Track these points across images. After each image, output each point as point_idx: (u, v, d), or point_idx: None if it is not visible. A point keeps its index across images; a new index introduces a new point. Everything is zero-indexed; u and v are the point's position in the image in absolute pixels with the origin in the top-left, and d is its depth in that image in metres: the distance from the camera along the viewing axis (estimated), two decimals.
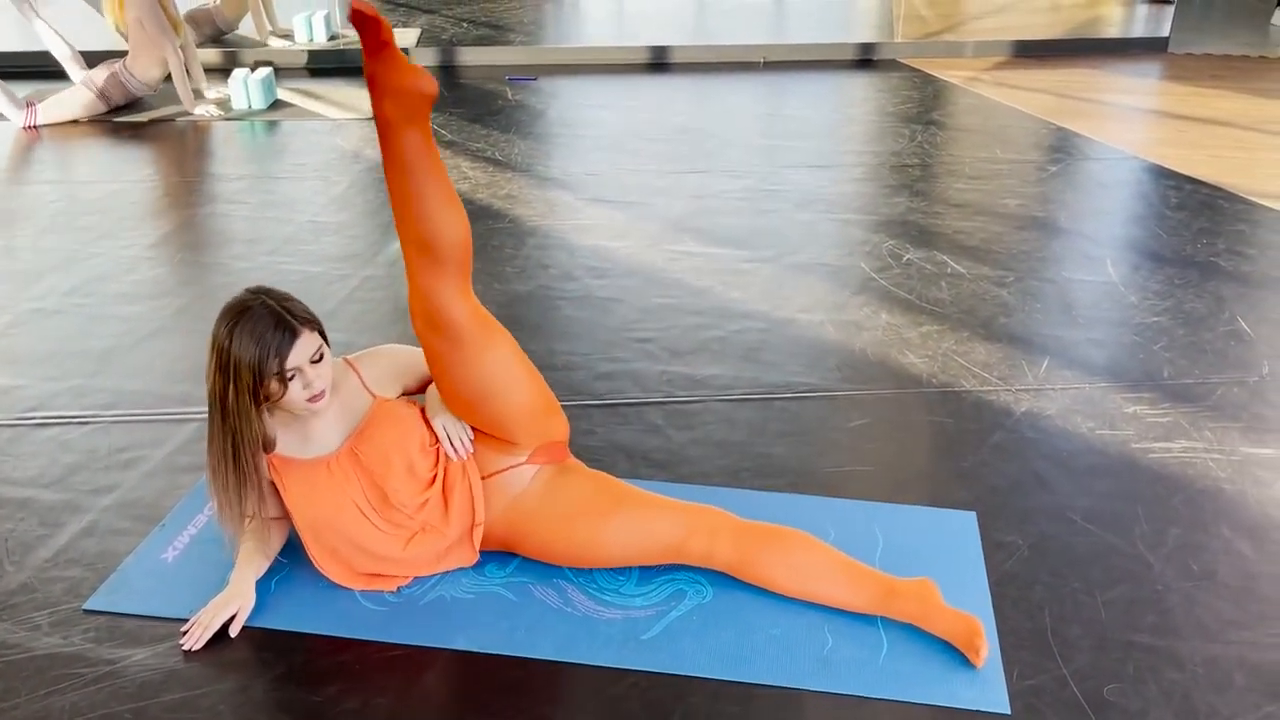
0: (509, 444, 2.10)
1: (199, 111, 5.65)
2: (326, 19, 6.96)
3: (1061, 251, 3.78)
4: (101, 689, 1.90)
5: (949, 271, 3.60)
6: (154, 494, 2.47)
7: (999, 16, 7.84)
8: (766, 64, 6.77)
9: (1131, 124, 5.52)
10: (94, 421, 2.79)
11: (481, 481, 2.11)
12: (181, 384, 2.96)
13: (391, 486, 2.05)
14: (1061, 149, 4.95)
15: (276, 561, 2.17)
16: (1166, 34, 7.04)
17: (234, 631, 2.01)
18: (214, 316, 1.93)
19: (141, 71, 5.60)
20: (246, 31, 7.11)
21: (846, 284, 3.53)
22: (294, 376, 1.92)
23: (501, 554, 2.19)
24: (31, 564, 2.24)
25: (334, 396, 2.05)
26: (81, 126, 5.52)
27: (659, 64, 6.83)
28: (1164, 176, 4.54)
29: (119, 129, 5.49)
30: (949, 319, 3.26)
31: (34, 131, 5.44)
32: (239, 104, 5.80)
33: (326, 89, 6.19)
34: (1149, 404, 2.78)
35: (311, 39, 6.95)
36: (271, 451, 2.04)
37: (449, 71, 6.71)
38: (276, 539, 2.16)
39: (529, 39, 7.25)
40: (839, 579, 2.03)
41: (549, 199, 4.38)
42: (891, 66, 6.64)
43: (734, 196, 4.36)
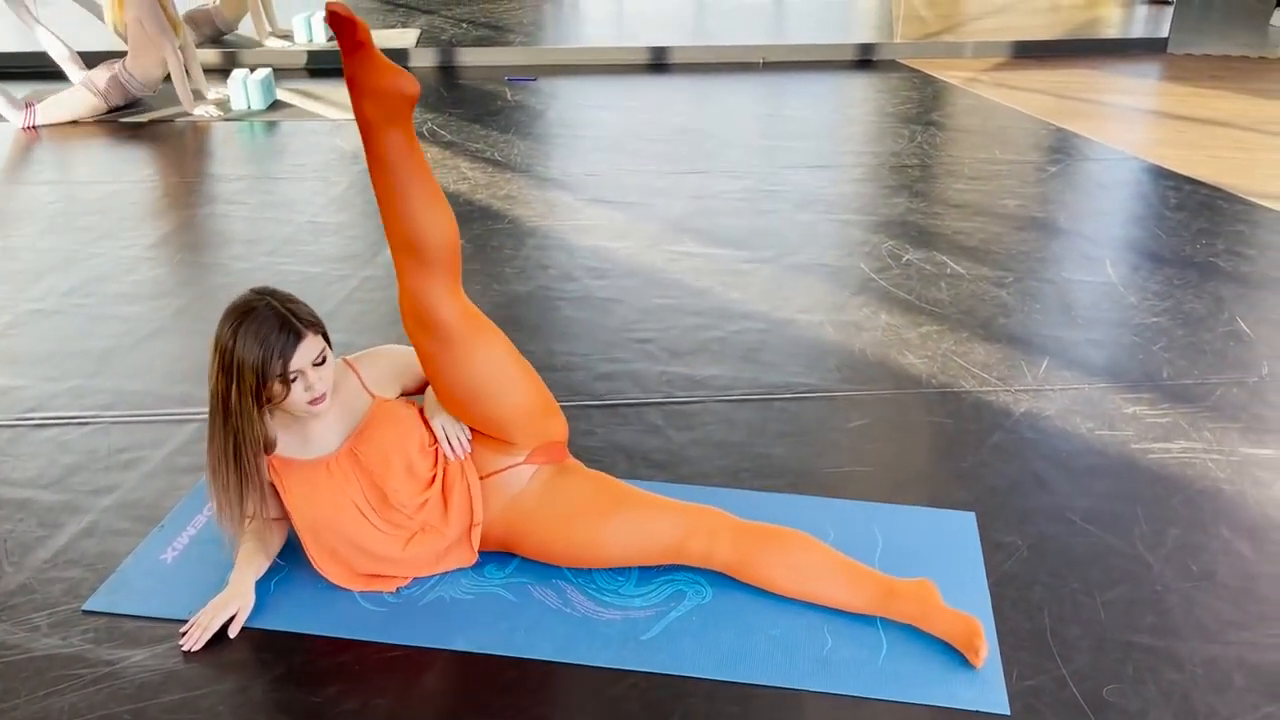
0: (507, 444, 2.10)
1: (198, 112, 5.65)
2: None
3: (1061, 252, 3.78)
4: (100, 690, 1.90)
5: (948, 272, 3.60)
6: (153, 495, 2.46)
7: (998, 17, 7.84)
8: (766, 64, 6.78)
9: (1131, 124, 5.52)
10: (93, 422, 2.79)
11: (480, 481, 2.11)
12: (181, 384, 2.96)
13: (391, 486, 2.05)
14: (1061, 150, 4.96)
15: (276, 563, 2.17)
16: (1166, 35, 7.04)
17: (233, 632, 2.01)
18: (213, 317, 1.93)
19: (141, 72, 5.60)
20: (246, 32, 7.12)
21: (846, 284, 3.53)
22: (296, 379, 1.92)
23: (501, 555, 2.19)
24: (31, 565, 2.24)
25: (333, 398, 2.05)
26: (81, 127, 5.52)
27: (658, 64, 6.83)
28: (1163, 177, 4.54)
29: (118, 129, 5.49)
30: (948, 319, 3.26)
31: (33, 132, 5.45)
32: (238, 104, 5.80)
33: (326, 89, 6.19)
34: (1148, 404, 2.78)
35: (311, 39, 6.96)
36: (272, 452, 2.04)
37: (448, 72, 6.71)
38: (276, 540, 2.16)
39: (528, 39, 7.25)
40: (838, 579, 2.03)
41: (548, 199, 4.38)
42: (891, 67, 6.64)
43: (733, 197, 4.37)
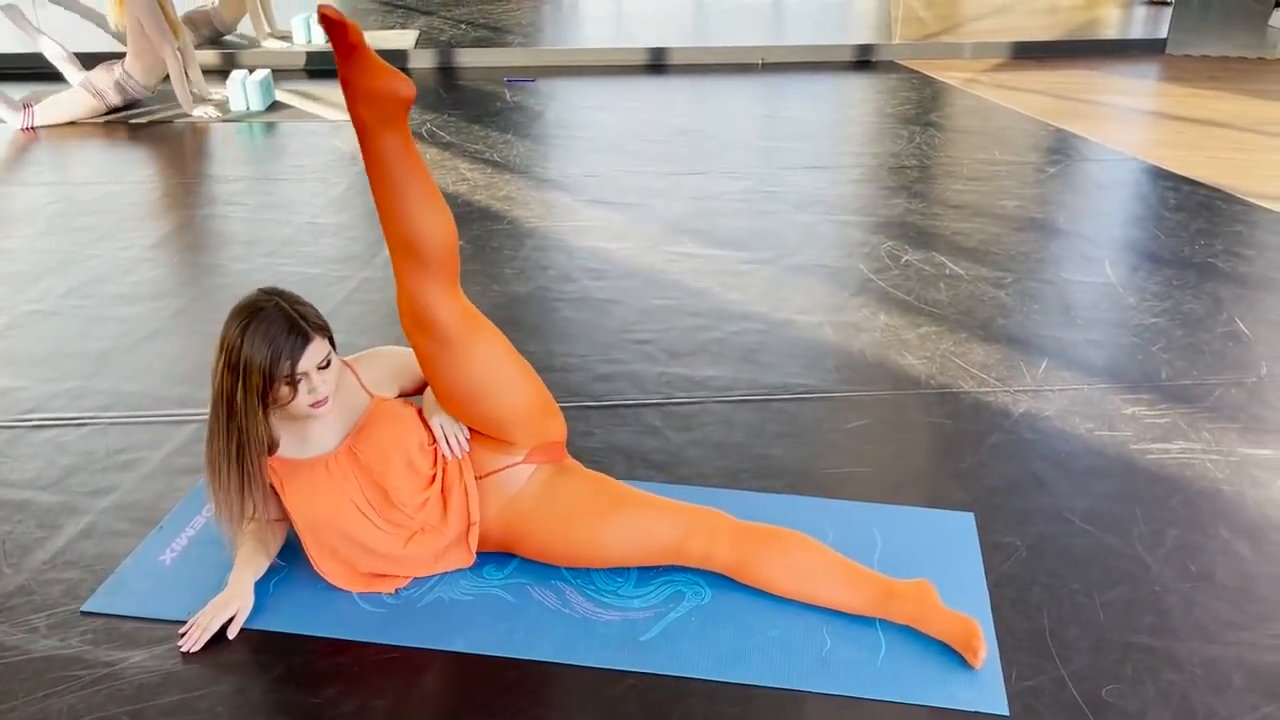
0: (505, 443, 2.10)
1: (197, 113, 5.65)
2: None
3: (1060, 253, 3.78)
4: (99, 691, 1.90)
5: (947, 273, 3.61)
6: (152, 496, 2.46)
7: (997, 18, 7.85)
8: (765, 65, 6.78)
9: (1130, 125, 5.53)
10: (92, 423, 2.79)
11: (477, 481, 2.11)
12: (180, 385, 2.95)
13: (392, 484, 2.05)
14: (1060, 150, 4.96)
15: (275, 563, 2.17)
16: (1164, 35, 7.05)
17: (232, 633, 2.00)
18: (213, 318, 1.93)
19: (140, 73, 5.61)
20: (245, 33, 7.12)
21: (845, 285, 3.53)
22: (300, 381, 1.92)
23: (500, 555, 2.19)
24: (29, 566, 2.23)
25: (334, 399, 2.05)
26: (79, 128, 5.52)
27: (657, 65, 6.83)
28: (1162, 178, 4.55)
29: (117, 130, 5.49)
30: (947, 320, 3.26)
31: (31, 133, 5.45)
32: (237, 106, 5.80)
33: (325, 90, 6.19)
34: (1147, 405, 2.78)
35: (309, 40, 6.96)
36: (274, 453, 2.04)
37: (447, 73, 6.71)
38: (275, 540, 2.15)
39: (527, 40, 7.25)
40: (837, 580, 2.03)
41: (547, 200, 4.38)
42: (890, 68, 6.64)
43: (732, 198, 4.37)
